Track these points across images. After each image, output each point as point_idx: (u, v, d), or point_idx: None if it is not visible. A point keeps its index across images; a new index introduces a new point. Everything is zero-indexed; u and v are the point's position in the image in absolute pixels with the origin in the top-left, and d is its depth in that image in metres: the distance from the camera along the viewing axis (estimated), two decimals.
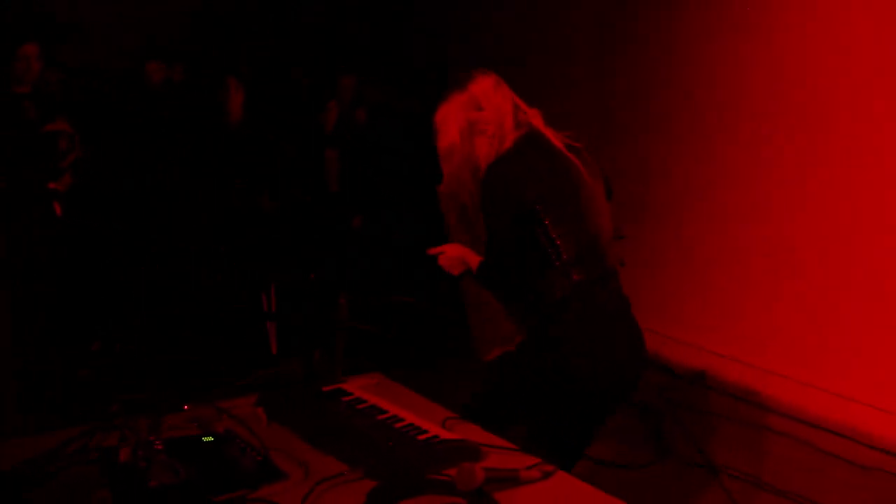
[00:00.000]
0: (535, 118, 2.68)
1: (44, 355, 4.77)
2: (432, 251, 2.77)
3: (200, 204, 5.68)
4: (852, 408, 4.84)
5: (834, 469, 4.39)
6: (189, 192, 5.65)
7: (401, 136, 7.03)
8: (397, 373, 2.88)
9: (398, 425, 2.31)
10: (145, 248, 5.59)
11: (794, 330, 5.23)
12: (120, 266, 5.55)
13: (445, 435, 2.25)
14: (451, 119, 2.63)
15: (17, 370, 4.54)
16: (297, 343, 5.84)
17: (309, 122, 6.54)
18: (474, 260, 2.70)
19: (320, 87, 6.82)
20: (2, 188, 4.40)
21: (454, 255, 2.75)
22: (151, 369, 5.20)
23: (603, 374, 2.62)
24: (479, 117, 2.60)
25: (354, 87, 6.66)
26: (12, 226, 4.48)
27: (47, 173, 4.63)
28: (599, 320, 2.62)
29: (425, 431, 2.26)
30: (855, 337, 4.90)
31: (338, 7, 7.99)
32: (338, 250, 6.44)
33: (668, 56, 5.93)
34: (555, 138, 2.65)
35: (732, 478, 4.21)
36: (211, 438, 2.20)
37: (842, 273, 4.98)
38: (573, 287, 2.55)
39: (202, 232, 5.67)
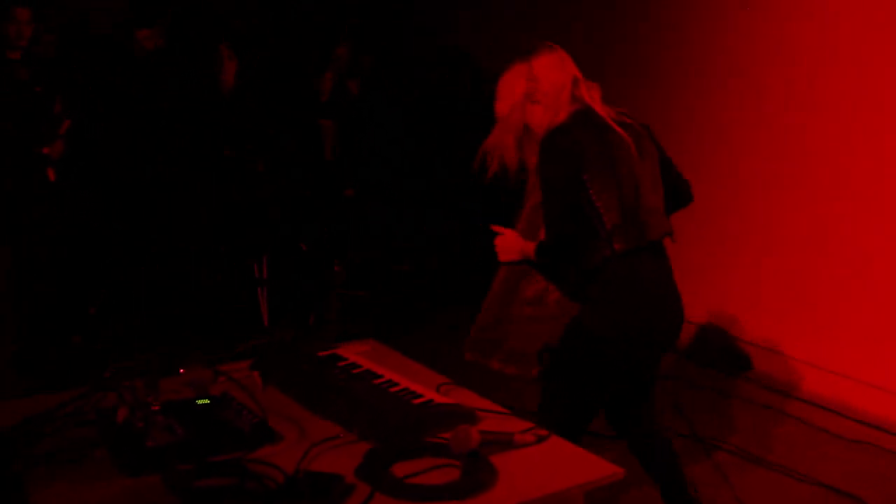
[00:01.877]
0: (594, 94, 2.81)
1: (40, 321, 4.79)
2: (495, 228, 2.88)
3: (193, 173, 5.66)
4: (841, 383, 4.89)
5: (822, 443, 4.44)
6: (181, 162, 5.62)
7: (393, 108, 7.03)
8: (391, 339, 2.90)
9: (393, 389, 2.33)
10: (140, 217, 5.58)
11: (783, 305, 5.26)
12: (114, 236, 5.55)
13: (440, 399, 2.27)
14: (509, 86, 2.80)
15: (14, 333, 4.56)
16: (291, 310, 5.86)
17: (304, 91, 6.51)
18: (530, 246, 2.77)
19: (315, 56, 6.78)
20: None
21: (511, 241, 2.84)
22: (145, 338, 5.22)
23: (631, 339, 2.76)
24: (536, 88, 2.76)
25: (349, 57, 6.63)
26: (7, 189, 4.47)
27: (40, 138, 4.61)
28: (635, 288, 2.76)
29: (420, 395, 2.28)
30: (843, 313, 4.93)
31: None
32: (332, 219, 6.44)
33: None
34: (607, 115, 2.78)
35: (720, 450, 4.26)
36: (207, 401, 2.21)
37: (830, 248, 5.01)
38: (614, 255, 2.68)
39: (195, 204, 5.66)
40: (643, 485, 3.32)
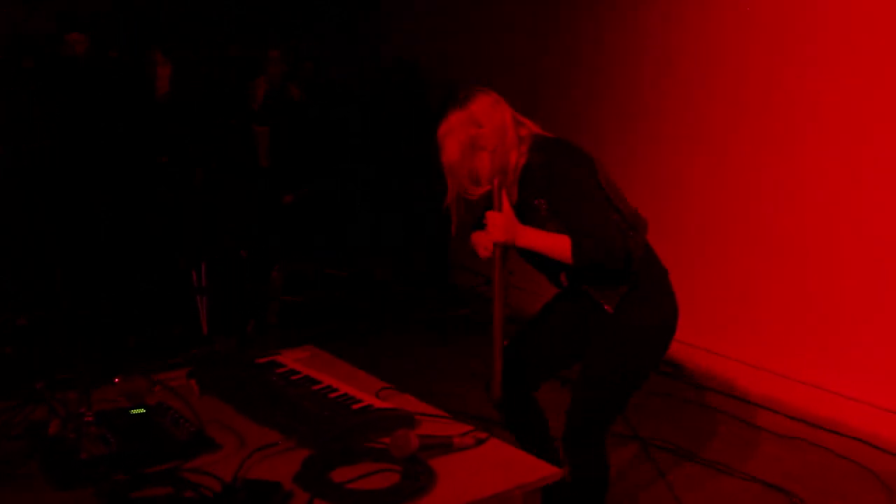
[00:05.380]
0: (535, 129, 2.75)
1: None
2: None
3: (128, 178, 5.57)
4: (775, 381, 4.99)
5: (757, 440, 4.53)
6: (116, 166, 5.53)
7: (338, 112, 7.01)
8: (331, 345, 2.88)
9: (332, 395, 2.32)
10: (75, 224, 5.47)
11: (718, 305, 5.35)
12: (49, 239, 5.43)
13: (379, 404, 2.27)
14: (452, 136, 2.66)
15: None
16: (230, 317, 5.79)
17: (237, 96, 6.45)
18: (539, 235, 2.64)
19: (251, 60, 6.72)
20: None
21: (508, 219, 2.64)
22: (79, 348, 5.11)
23: (673, 327, 2.91)
24: (480, 133, 2.64)
25: (284, 61, 6.58)
26: None
27: None
28: (665, 279, 2.88)
29: (360, 401, 2.27)
30: (776, 312, 5.03)
31: None
32: (269, 225, 6.40)
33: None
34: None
35: (658, 448, 4.32)
36: (143, 410, 2.18)
37: (761, 247, 5.11)
38: (645, 247, 2.75)
39: (133, 207, 5.57)
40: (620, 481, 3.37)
